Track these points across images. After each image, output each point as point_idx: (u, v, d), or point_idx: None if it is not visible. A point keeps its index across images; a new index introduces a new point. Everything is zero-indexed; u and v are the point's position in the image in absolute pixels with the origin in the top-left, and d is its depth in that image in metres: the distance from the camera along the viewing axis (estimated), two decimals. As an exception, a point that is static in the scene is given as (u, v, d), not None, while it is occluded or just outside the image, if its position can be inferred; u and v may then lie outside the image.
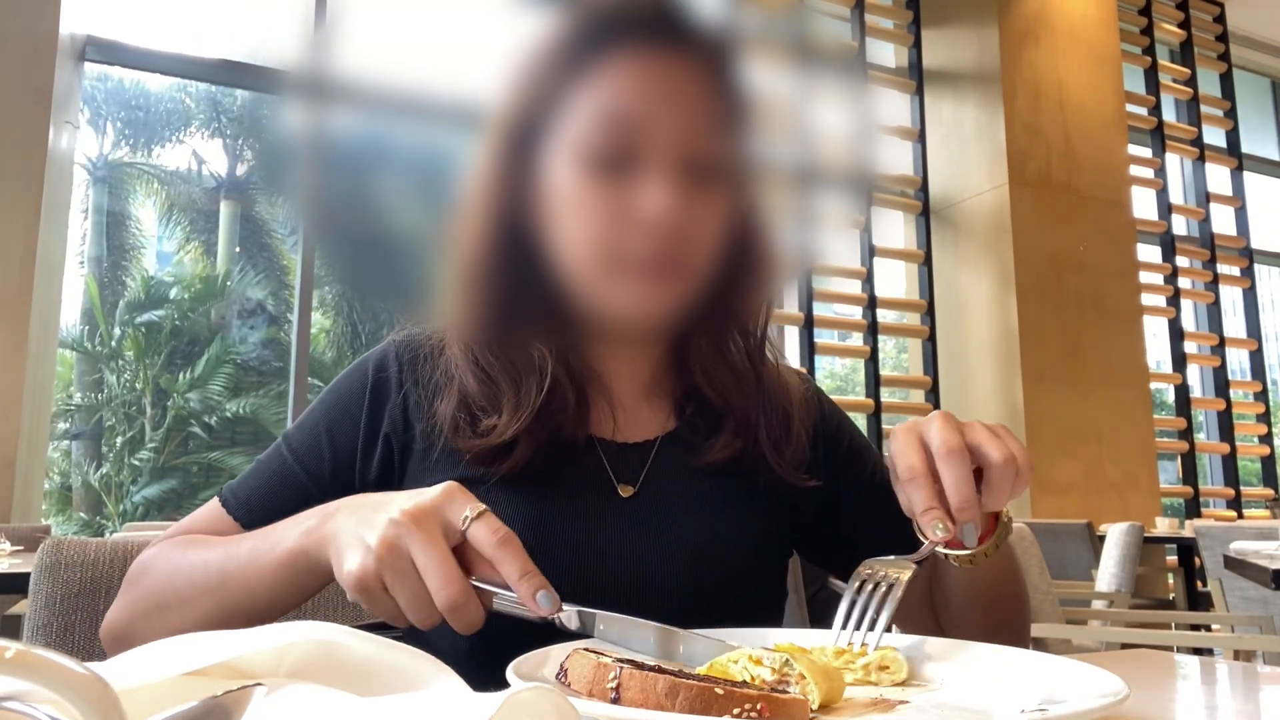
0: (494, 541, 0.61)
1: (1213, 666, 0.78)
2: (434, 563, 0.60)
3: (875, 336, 5.13)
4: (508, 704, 0.35)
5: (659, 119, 0.79)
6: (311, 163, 1.74)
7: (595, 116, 0.80)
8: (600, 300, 0.82)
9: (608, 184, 0.79)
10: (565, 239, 0.82)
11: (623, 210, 0.79)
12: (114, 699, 0.28)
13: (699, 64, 0.82)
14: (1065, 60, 5.71)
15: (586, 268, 0.81)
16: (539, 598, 0.61)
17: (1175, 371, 6.03)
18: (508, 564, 0.61)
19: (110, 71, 10.40)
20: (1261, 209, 6.82)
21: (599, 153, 0.79)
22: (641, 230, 0.78)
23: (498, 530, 0.62)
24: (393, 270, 0.94)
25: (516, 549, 0.62)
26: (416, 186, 1.66)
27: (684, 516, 0.84)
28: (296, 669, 0.43)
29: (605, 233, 0.80)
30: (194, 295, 11.06)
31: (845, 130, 3.40)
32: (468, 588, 0.61)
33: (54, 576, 0.93)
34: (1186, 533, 4.43)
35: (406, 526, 0.61)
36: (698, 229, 0.81)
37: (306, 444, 0.85)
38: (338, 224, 2.98)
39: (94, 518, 10.15)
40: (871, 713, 0.53)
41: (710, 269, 0.84)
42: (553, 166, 0.82)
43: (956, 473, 0.65)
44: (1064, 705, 0.49)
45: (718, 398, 0.88)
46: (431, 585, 0.60)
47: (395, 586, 0.61)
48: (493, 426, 0.81)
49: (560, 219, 0.82)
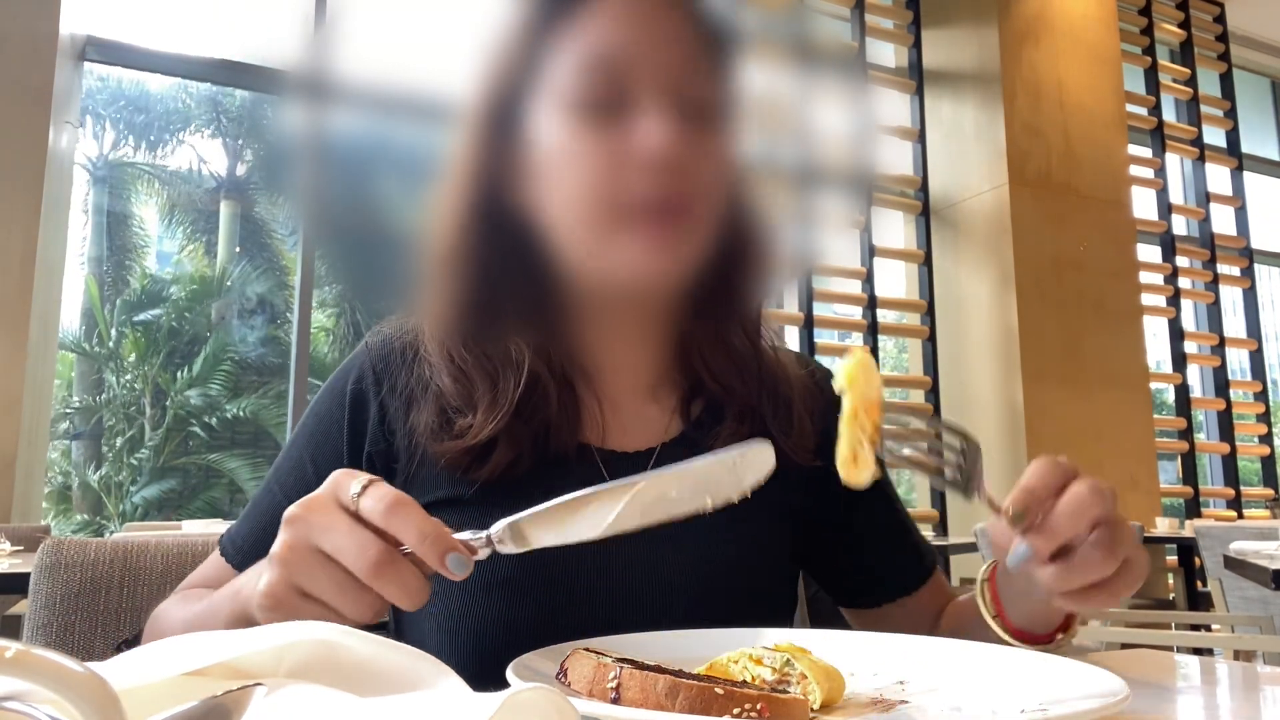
0: (382, 510, 0.55)
1: (1213, 666, 0.78)
2: (341, 536, 0.54)
3: (875, 336, 5.13)
4: (508, 704, 0.35)
5: (649, 57, 0.77)
6: (311, 162, 1.74)
7: (583, 62, 0.77)
8: (602, 259, 0.77)
9: (601, 129, 0.76)
10: (560, 196, 0.78)
11: (620, 152, 0.75)
12: (114, 699, 0.28)
13: (690, 7, 0.80)
14: (1065, 60, 5.71)
15: (587, 222, 0.77)
16: (450, 561, 0.54)
17: (1175, 371, 6.03)
18: (404, 530, 0.54)
19: (110, 71, 10.39)
20: (1261, 209, 6.81)
21: (589, 98, 0.76)
22: (642, 169, 0.75)
23: (385, 496, 0.55)
24: (392, 269, 0.93)
25: (409, 514, 0.55)
26: (416, 186, 1.66)
27: (688, 528, 0.78)
28: (296, 669, 0.43)
29: (603, 179, 0.76)
30: (191, 294, 11.06)
31: (845, 130, 3.41)
32: (385, 546, 0.54)
33: (54, 577, 0.93)
34: (1186, 533, 4.43)
35: (301, 518, 0.56)
36: (698, 170, 0.77)
37: (294, 478, 0.82)
38: (337, 223, 2.98)
39: (94, 518, 10.14)
40: (871, 712, 0.53)
41: (713, 224, 0.80)
42: (539, 125, 0.78)
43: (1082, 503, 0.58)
44: (1064, 705, 0.49)
45: (719, 387, 0.85)
46: (347, 560, 0.54)
47: (314, 584, 0.55)
48: (468, 426, 0.77)
49: (553, 176, 0.78)
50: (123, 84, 11.00)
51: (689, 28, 0.80)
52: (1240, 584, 2.81)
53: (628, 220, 0.76)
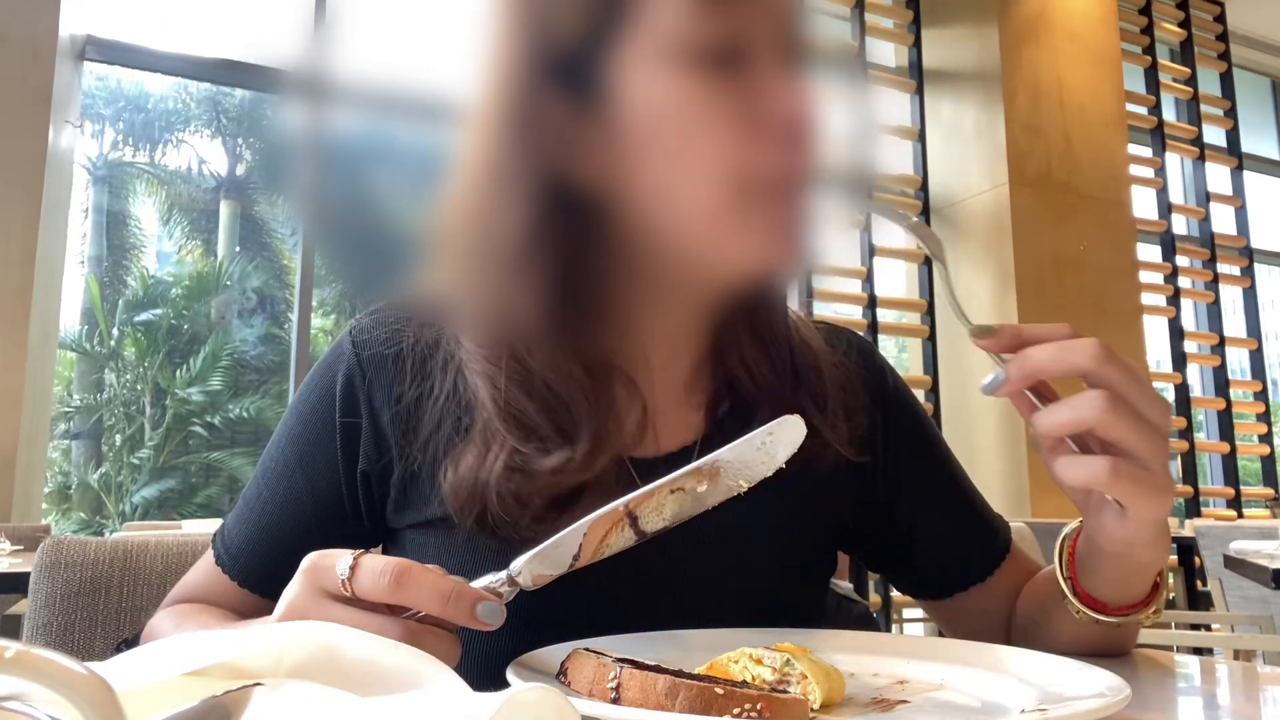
0: (387, 586, 0.49)
1: (1213, 666, 0.78)
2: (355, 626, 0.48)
3: (875, 336, 5.13)
4: (508, 704, 0.35)
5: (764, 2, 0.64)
6: (311, 162, 1.74)
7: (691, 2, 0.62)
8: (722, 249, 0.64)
9: (721, 86, 0.62)
10: (665, 173, 0.63)
11: (752, 116, 0.62)
12: (114, 699, 0.28)
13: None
14: (1065, 60, 5.71)
15: (706, 204, 0.63)
16: (480, 612, 0.50)
17: (1175, 371, 6.03)
18: (419, 601, 0.49)
19: (110, 71, 10.39)
20: (1262, 208, 6.81)
21: (705, 46, 0.62)
22: (779, 137, 0.62)
23: (384, 571, 0.49)
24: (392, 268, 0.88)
25: (418, 579, 0.49)
26: (416, 185, 1.65)
27: (725, 543, 0.71)
28: (296, 669, 0.43)
29: (733, 149, 0.62)
30: (190, 293, 11.06)
31: (845, 130, 3.40)
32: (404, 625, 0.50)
33: (54, 576, 0.93)
34: (1186, 532, 4.43)
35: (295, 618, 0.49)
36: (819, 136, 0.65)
37: (283, 486, 0.74)
38: (337, 222, 2.98)
39: (94, 517, 10.15)
40: (871, 712, 0.53)
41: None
42: (630, 86, 0.63)
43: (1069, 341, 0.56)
44: (1064, 705, 0.49)
45: (753, 386, 0.74)
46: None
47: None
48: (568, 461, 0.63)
49: (653, 148, 0.63)
50: (122, 83, 11.00)
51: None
52: (1240, 583, 2.81)
53: (760, 199, 0.63)
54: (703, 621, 0.67)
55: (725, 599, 0.72)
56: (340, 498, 0.74)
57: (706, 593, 0.72)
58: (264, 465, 0.77)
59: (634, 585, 0.70)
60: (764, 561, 0.74)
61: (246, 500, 0.77)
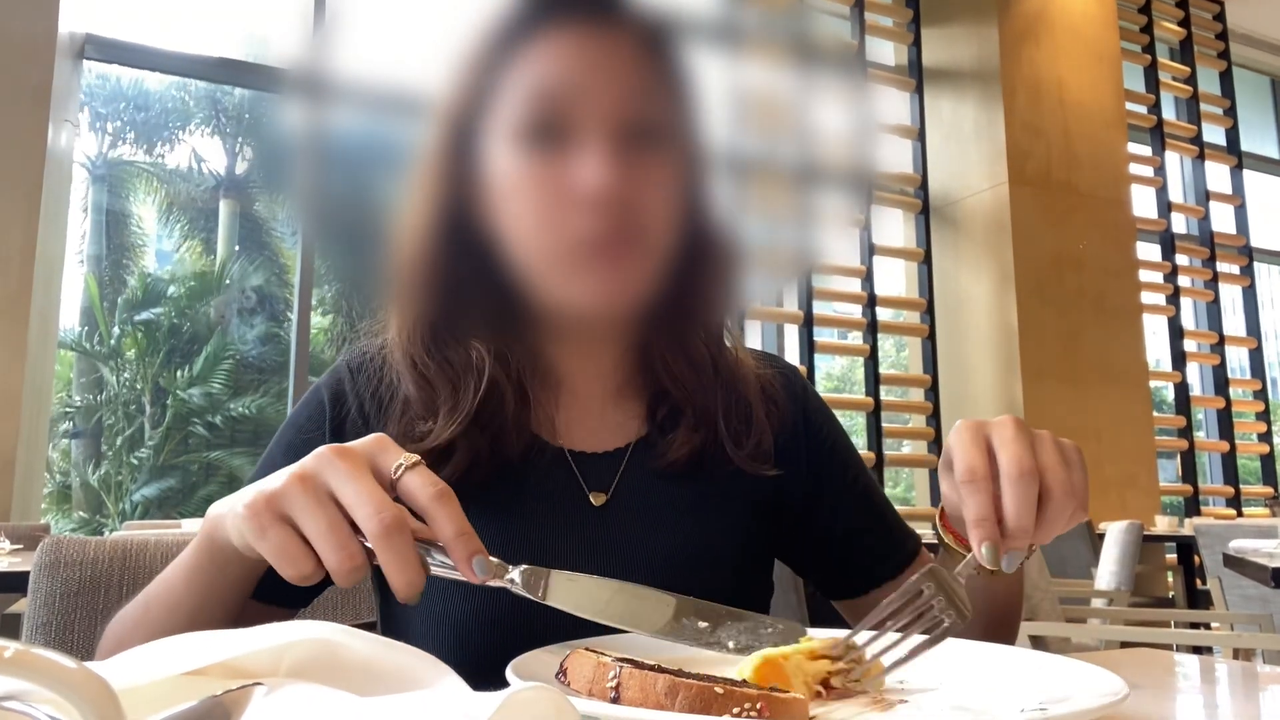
0: (430, 494, 0.55)
1: (1212, 665, 0.78)
2: (361, 488, 0.54)
3: (875, 335, 5.13)
4: (507, 704, 0.35)
5: (590, 87, 0.76)
6: (311, 160, 1.73)
7: (527, 92, 0.77)
8: (556, 290, 0.78)
9: (543, 162, 0.76)
10: (512, 228, 0.78)
11: (561, 188, 0.75)
12: (113, 698, 0.28)
13: (633, 39, 0.80)
14: (1065, 58, 5.71)
15: (537, 257, 0.78)
16: (475, 564, 0.55)
17: (1175, 370, 6.03)
18: (443, 521, 0.55)
19: (109, 70, 10.39)
20: (1261, 207, 6.81)
21: (531, 128, 0.76)
22: (584, 206, 0.74)
23: (435, 482, 0.56)
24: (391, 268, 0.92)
25: (454, 506, 0.55)
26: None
27: (658, 525, 0.82)
28: (296, 668, 0.43)
29: (548, 214, 0.76)
30: (190, 292, 11.06)
31: (845, 129, 3.40)
32: (406, 516, 0.54)
33: (53, 575, 0.93)
34: (1186, 531, 4.43)
35: (328, 459, 0.55)
36: (645, 200, 0.77)
37: None
38: (337, 222, 2.98)
39: (93, 516, 10.14)
40: (870, 711, 0.53)
41: (668, 249, 0.80)
42: (491, 153, 0.79)
43: (1021, 500, 0.58)
44: (1064, 705, 0.49)
45: (679, 392, 0.85)
46: (360, 514, 0.53)
47: (304, 517, 0.54)
48: (428, 431, 0.78)
49: (504, 208, 0.78)
50: (121, 82, 10.99)
51: (638, 59, 0.79)
52: (1240, 582, 2.81)
53: (575, 255, 0.76)
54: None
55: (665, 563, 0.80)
56: None
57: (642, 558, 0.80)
58: (254, 477, 0.80)
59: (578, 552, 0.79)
60: (703, 530, 0.83)
61: None
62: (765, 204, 0.92)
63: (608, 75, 0.77)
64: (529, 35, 0.79)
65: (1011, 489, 0.59)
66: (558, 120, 0.76)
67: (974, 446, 0.60)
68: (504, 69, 0.79)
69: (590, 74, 0.77)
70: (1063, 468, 0.60)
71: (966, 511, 0.60)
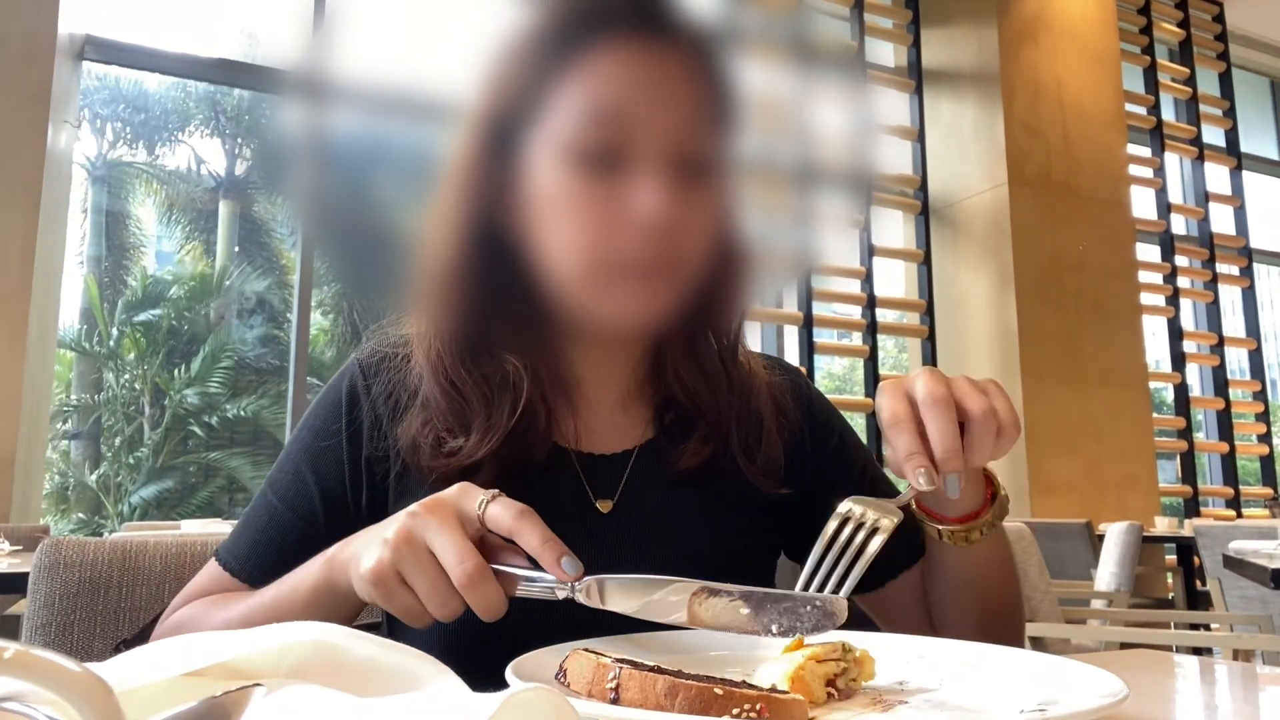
0: (513, 514, 0.62)
1: (1212, 666, 0.78)
2: (449, 541, 0.60)
3: (875, 336, 5.13)
4: (507, 704, 0.35)
5: (650, 113, 0.76)
6: (311, 162, 1.74)
7: (583, 111, 0.76)
8: (588, 306, 0.79)
9: (597, 183, 0.75)
10: (551, 242, 0.78)
11: (614, 211, 0.75)
12: (112, 699, 0.28)
13: (689, 57, 0.79)
14: (1064, 60, 5.71)
15: (575, 272, 0.77)
16: (564, 563, 0.61)
17: (1174, 371, 6.03)
18: (528, 533, 0.61)
19: (109, 71, 10.38)
20: (1260, 208, 6.82)
21: (587, 149, 0.75)
22: (635, 231, 0.75)
23: (515, 505, 0.62)
24: (392, 269, 0.92)
25: (535, 520, 0.62)
26: (416, 186, 1.66)
27: (664, 529, 0.82)
28: (296, 669, 0.43)
29: (596, 235, 0.76)
30: (190, 294, 11.05)
31: (845, 130, 3.40)
32: (483, 562, 0.60)
33: (53, 576, 0.93)
34: (1186, 532, 4.43)
35: (422, 517, 0.61)
36: (690, 229, 0.77)
37: (293, 488, 0.82)
38: (336, 223, 2.98)
39: (93, 518, 10.13)
40: (870, 712, 0.53)
41: (700, 270, 0.80)
42: (536, 164, 0.78)
43: (940, 421, 0.64)
44: (1063, 705, 0.49)
45: (690, 402, 0.86)
46: (448, 564, 0.60)
47: (413, 575, 0.60)
48: (459, 448, 0.77)
49: (546, 220, 0.78)
50: (121, 83, 10.99)
51: (694, 82, 0.79)
52: (1239, 583, 2.81)
53: (618, 276, 0.76)
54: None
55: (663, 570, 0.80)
56: (346, 493, 0.82)
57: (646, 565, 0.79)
58: (271, 478, 0.84)
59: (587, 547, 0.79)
60: (702, 533, 0.84)
61: (254, 510, 0.83)
62: (765, 205, 0.92)
63: (667, 99, 0.77)
64: (581, 47, 0.77)
65: (928, 414, 0.65)
66: (616, 142, 0.75)
67: (894, 396, 0.67)
68: (555, 81, 0.77)
69: (650, 97, 0.76)
70: (978, 394, 0.66)
71: (896, 452, 0.65)
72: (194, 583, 0.83)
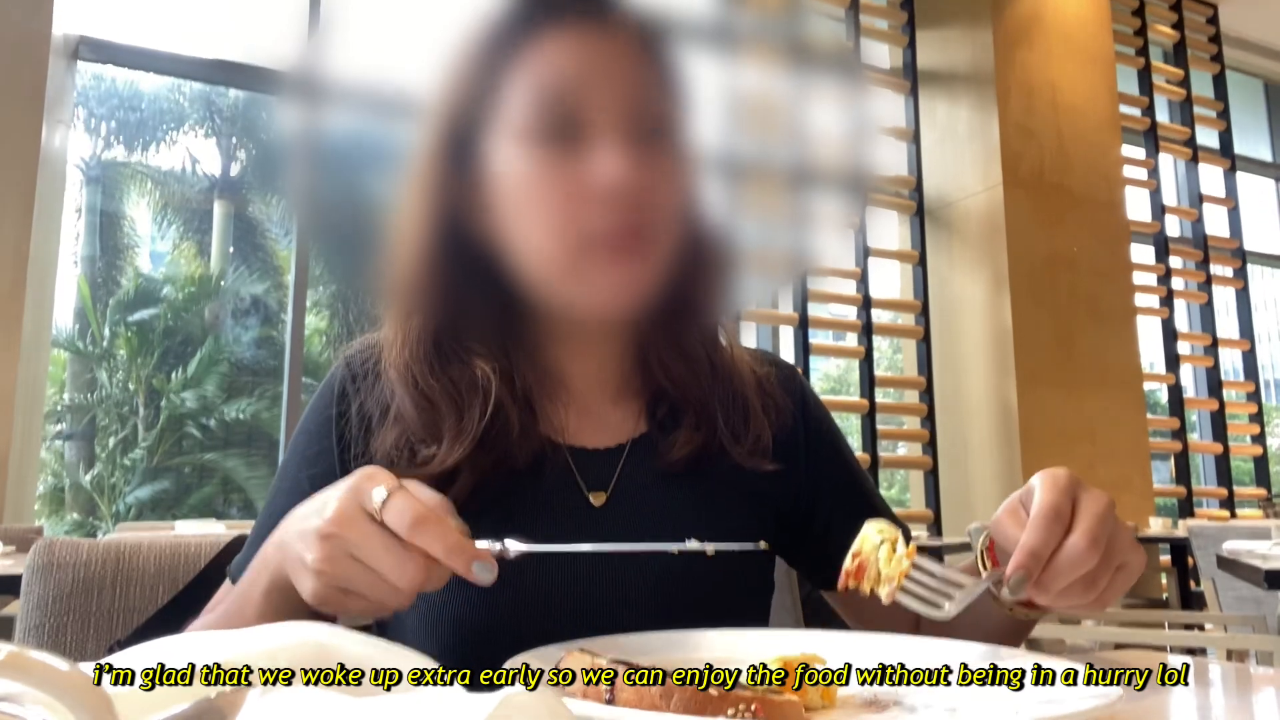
0: (407, 524, 0.57)
1: (1205, 666, 0.79)
2: (379, 554, 0.57)
3: (870, 337, 5.14)
4: (503, 705, 0.35)
5: (599, 86, 0.77)
6: (305, 162, 1.74)
7: (534, 93, 0.77)
8: (564, 290, 0.79)
9: (556, 161, 0.76)
10: (519, 229, 0.78)
11: (577, 184, 0.76)
12: (106, 700, 0.28)
13: (634, 39, 0.81)
14: (1059, 61, 5.72)
15: (546, 255, 0.77)
16: (476, 570, 0.58)
17: (1168, 372, 6.04)
18: (429, 543, 0.57)
19: (103, 71, 10.36)
20: (1254, 210, 6.84)
21: (543, 129, 0.76)
22: (599, 201, 0.75)
23: (406, 510, 0.58)
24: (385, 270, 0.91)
25: (433, 528, 0.58)
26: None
27: (658, 521, 0.82)
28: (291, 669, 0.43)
29: (562, 211, 0.76)
30: (187, 295, 11.03)
31: (840, 131, 3.41)
32: (420, 564, 0.57)
33: (46, 577, 0.92)
34: (1180, 533, 4.44)
35: (334, 536, 0.58)
36: (655, 195, 0.78)
37: (292, 498, 0.80)
38: (332, 223, 2.97)
39: (87, 519, 10.10)
40: (867, 713, 0.53)
41: (673, 248, 0.80)
42: (496, 155, 0.79)
43: (1080, 559, 0.62)
44: (1057, 705, 0.49)
45: (677, 391, 0.86)
46: (390, 577, 0.57)
47: (356, 584, 0.58)
48: (432, 456, 0.77)
49: (511, 208, 0.78)
50: (115, 83, 10.96)
51: (640, 56, 0.80)
52: (1233, 584, 2.82)
53: (589, 252, 0.76)
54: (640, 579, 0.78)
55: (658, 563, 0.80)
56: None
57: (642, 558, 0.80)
58: (274, 491, 0.84)
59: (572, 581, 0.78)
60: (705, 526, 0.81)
61: (259, 528, 0.83)
62: (760, 206, 0.93)
63: (614, 73, 0.78)
64: (528, 36, 0.79)
65: (1075, 551, 0.62)
66: (569, 118, 0.76)
67: (1063, 493, 0.64)
68: (504, 70, 0.79)
69: (597, 72, 0.78)
70: (1123, 573, 0.65)
71: (1026, 538, 0.62)
72: (213, 599, 0.84)
